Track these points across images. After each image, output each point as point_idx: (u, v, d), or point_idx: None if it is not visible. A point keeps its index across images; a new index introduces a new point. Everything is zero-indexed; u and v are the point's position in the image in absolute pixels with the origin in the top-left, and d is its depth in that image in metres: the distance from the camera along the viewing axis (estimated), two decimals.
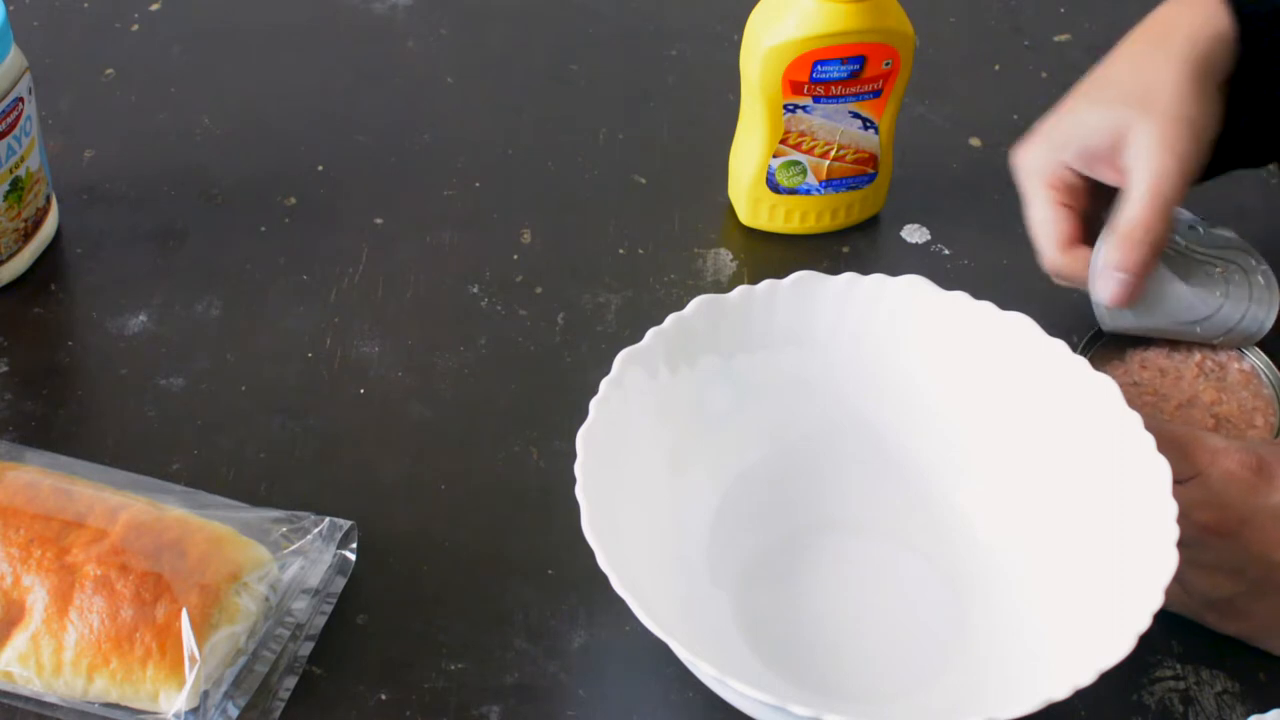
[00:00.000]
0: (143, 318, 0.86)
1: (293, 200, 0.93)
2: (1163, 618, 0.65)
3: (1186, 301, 0.81)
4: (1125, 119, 0.78)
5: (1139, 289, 0.79)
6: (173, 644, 0.67)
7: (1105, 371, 0.81)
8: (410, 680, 0.71)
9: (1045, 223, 0.81)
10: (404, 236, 0.92)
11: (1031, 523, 0.74)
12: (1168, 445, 0.70)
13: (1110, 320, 0.82)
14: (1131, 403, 0.72)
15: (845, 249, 0.92)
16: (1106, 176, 0.80)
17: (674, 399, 0.75)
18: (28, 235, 0.87)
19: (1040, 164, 0.82)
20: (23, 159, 0.85)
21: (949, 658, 0.72)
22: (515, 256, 0.91)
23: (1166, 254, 0.81)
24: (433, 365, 0.85)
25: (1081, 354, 0.82)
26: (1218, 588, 0.71)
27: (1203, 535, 0.69)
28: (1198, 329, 0.82)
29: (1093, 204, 0.82)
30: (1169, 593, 0.65)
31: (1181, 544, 0.66)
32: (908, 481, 0.77)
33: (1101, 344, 0.84)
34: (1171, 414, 0.80)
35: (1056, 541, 0.73)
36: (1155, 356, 0.83)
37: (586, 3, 1.08)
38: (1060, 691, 0.63)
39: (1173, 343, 0.83)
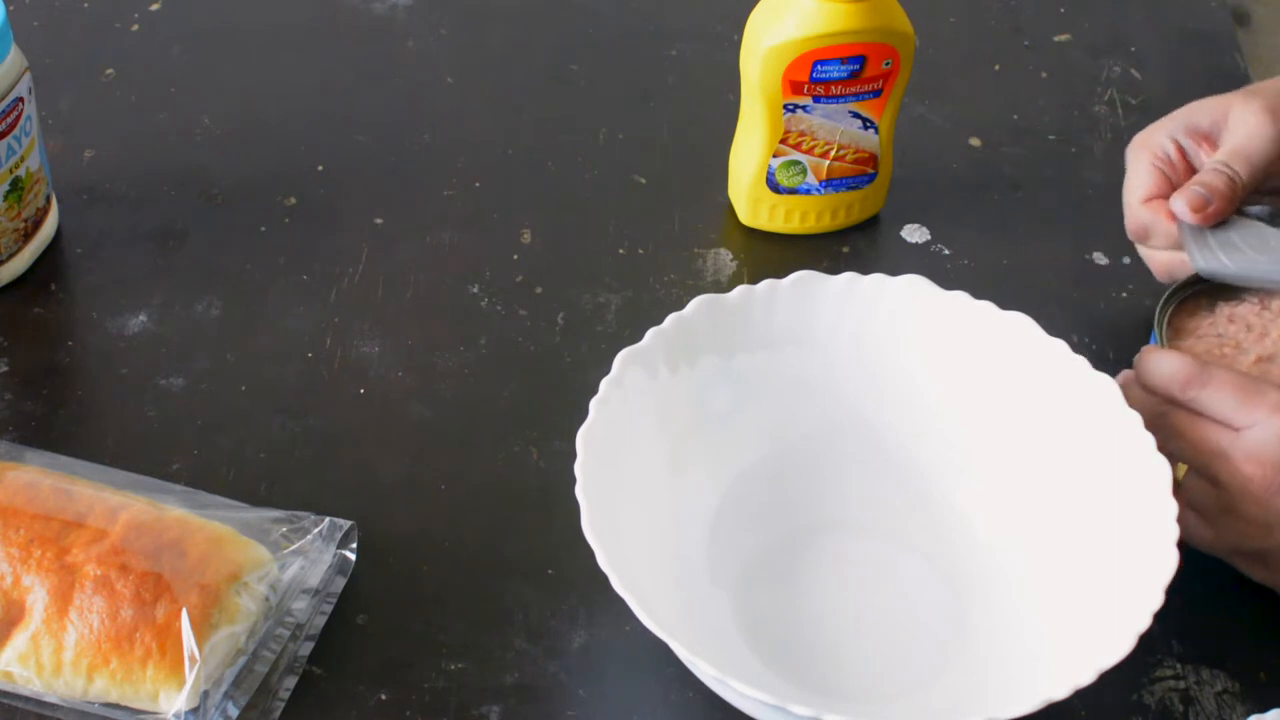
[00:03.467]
0: (143, 318, 0.86)
1: (293, 200, 0.93)
2: (1163, 617, 0.65)
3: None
4: (1231, 100, 0.83)
5: (1217, 210, 0.81)
6: (173, 644, 0.67)
7: (1191, 321, 0.80)
8: (410, 680, 0.71)
9: (1134, 179, 0.85)
10: (404, 236, 0.92)
11: (1031, 523, 0.74)
12: (1232, 389, 0.70)
13: (1204, 262, 0.81)
14: (1208, 353, 0.73)
15: (845, 249, 0.92)
16: (1206, 154, 0.83)
17: (674, 399, 0.75)
18: (28, 235, 0.87)
19: (1147, 138, 0.85)
20: (23, 159, 0.85)
21: (949, 658, 0.72)
22: (515, 256, 0.91)
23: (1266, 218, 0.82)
24: (433, 365, 0.85)
25: (1169, 301, 0.81)
26: (1250, 539, 0.71)
27: (1246, 486, 0.70)
28: None
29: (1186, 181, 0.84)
30: (1198, 531, 0.67)
31: (1224, 489, 0.68)
32: (908, 481, 0.77)
33: (1194, 292, 0.82)
34: (1248, 368, 0.78)
35: (1056, 541, 0.73)
36: (1245, 311, 0.81)
37: (586, 3, 1.08)
38: (1060, 691, 0.63)
39: (1266, 300, 0.81)
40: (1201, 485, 0.72)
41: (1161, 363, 0.73)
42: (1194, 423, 0.72)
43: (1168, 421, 0.72)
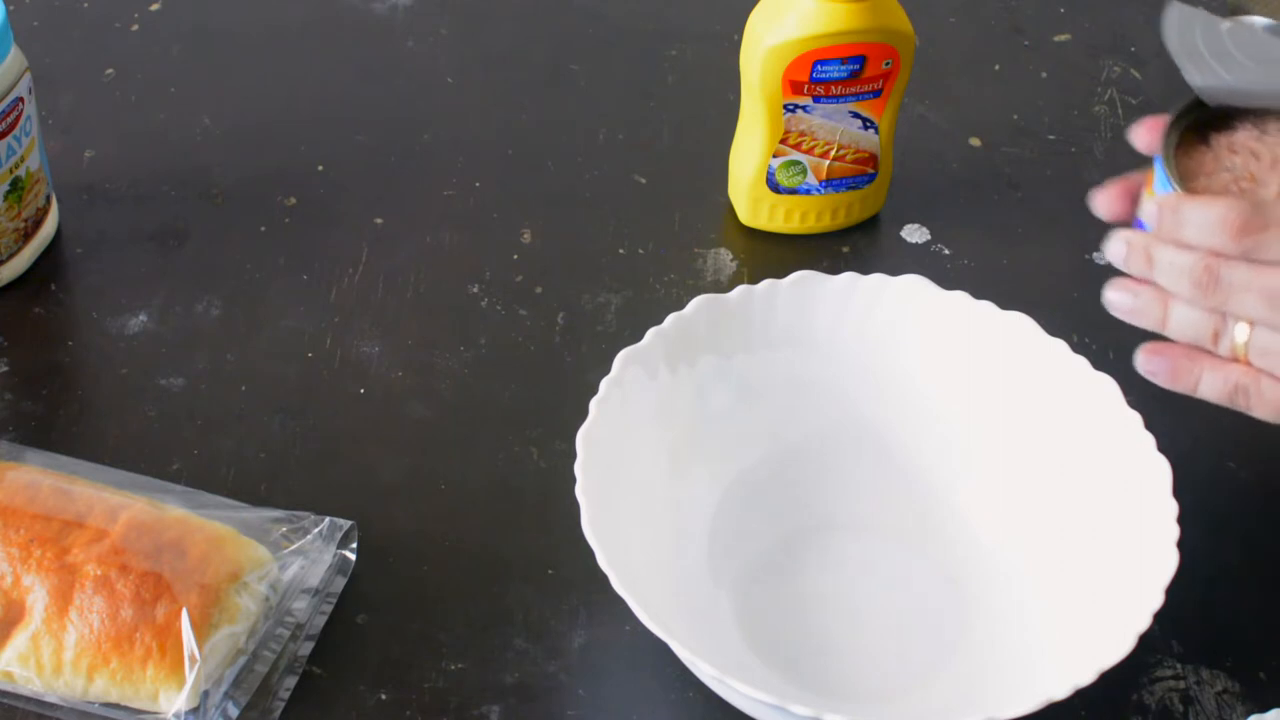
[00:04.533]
0: (143, 318, 0.86)
1: (293, 200, 0.93)
2: (1163, 617, 0.65)
3: None
4: None
5: None
6: (173, 644, 0.67)
7: (1191, 161, 0.73)
8: (410, 680, 0.71)
9: None
10: (404, 236, 0.92)
11: (1031, 523, 0.74)
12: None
13: (1202, 78, 0.71)
14: (1224, 191, 0.66)
15: (845, 249, 0.92)
16: None
17: (674, 399, 0.75)
18: (28, 235, 0.87)
19: None
20: (23, 159, 0.85)
21: (949, 657, 0.72)
22: (515, 256, 0.91)
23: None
24: (433, 365, 0.85)
25: (1169, 135, 0.72)
26: None
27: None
28: None
29: None
30: (1273, 394, 0.64)
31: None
32: (908, 481, 0.77)
33: (1184, 129, 0.72)
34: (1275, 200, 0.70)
35: (1056, 541, 0.73)
36: (1244, 139, 0.72)
37: (586, 3, 1.08)
38: (1060, 691, 0.63)
39: (1261, 124, 0.73)
40: (1277, 340, 0.64)
41: (1205, 211, 0.64)
42: (1258, 272, 0.63)
43: (1221, 276, 0.64)
